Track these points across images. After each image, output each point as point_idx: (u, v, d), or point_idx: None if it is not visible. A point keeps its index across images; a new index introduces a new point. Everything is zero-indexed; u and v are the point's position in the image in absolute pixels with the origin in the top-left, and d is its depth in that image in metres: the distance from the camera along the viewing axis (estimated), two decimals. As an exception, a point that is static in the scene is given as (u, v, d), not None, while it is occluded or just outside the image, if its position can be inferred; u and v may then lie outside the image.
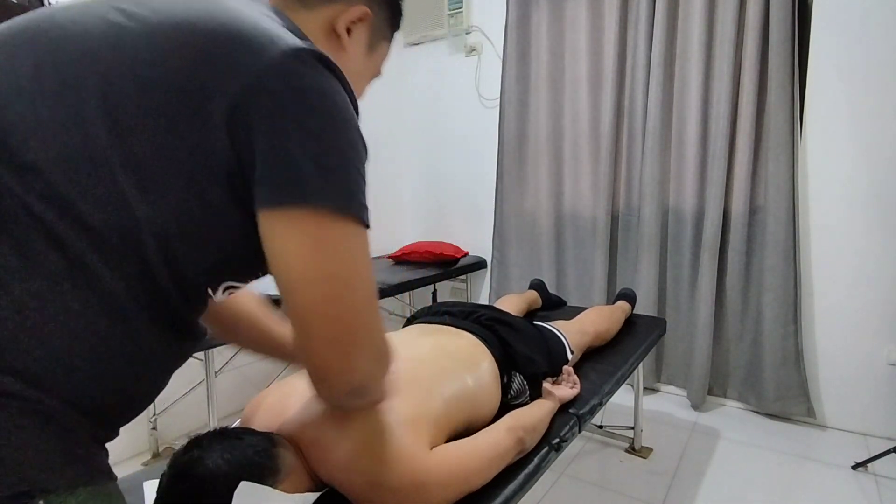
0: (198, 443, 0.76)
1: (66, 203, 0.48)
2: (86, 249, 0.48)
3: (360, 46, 0.71)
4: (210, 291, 0.59)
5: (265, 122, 0.50)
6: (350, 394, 0.59)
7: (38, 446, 0.46)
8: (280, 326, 0.89)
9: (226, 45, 0.50)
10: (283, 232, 0.52)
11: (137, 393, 0.58)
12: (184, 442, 0.78)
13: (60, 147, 0.48)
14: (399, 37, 3.22)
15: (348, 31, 0.68)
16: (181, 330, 0.59)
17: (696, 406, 2.34)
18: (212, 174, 0.51)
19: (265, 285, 0.65)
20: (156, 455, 2.06)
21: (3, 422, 0.45)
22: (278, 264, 0.53)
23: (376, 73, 0.79)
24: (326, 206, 0.52)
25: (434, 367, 1.05)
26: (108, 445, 0.57)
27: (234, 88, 0.49)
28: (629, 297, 2.11)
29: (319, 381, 0.58)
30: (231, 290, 0.62)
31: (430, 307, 1.47)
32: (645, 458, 1.96)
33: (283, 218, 0.52)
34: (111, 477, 0.54)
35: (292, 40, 0.53)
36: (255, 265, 0.58)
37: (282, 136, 0.50)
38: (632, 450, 2.00)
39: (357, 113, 0.58)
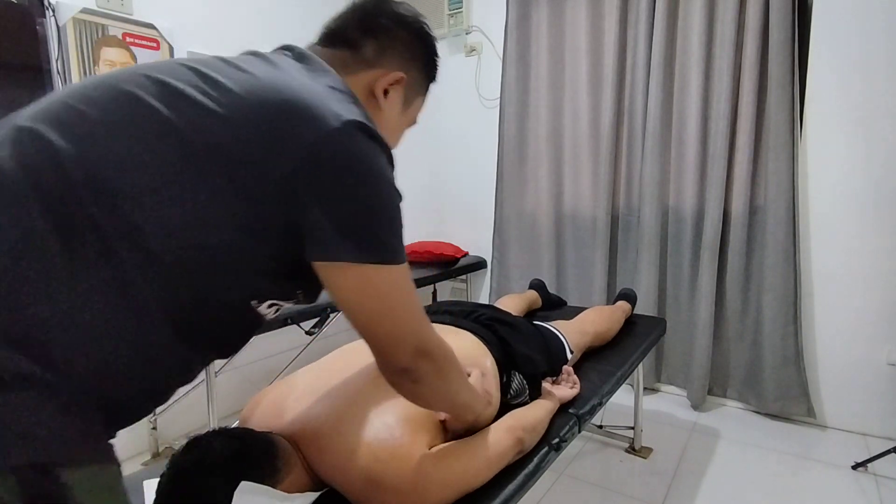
0: (197, 443, 0.76)
1: (130, 225, 0.55)
2: (138, 266, 0.55)
3: (396, 105, 0.79)
4: (255, 305, 0.66)
5: (317, 189, 0.58)
6: (401, 372, 0.69)
7: (58, 425, 0.51)
8: None
9: (286, 119, 0.58)
10: (337, 280, 0.63)
11: (157, 398, 0.65)
12: (184, 442, 0.78)
13: (147, 180, 0.55)
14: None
15: (385, 92, 0.76)
16: (215, 346, 0.67)
17: (696, 406, 2.34)
18: (259, 226, 0.59)
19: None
20: (156, 455, 2.06)
21: (30, 401, 0.50)
22: (339, 301, 0.64)
23: (411, 122, 0.89)
24: (372, 263, 0.62)
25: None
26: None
27: (299, 154, 0.57)
28: (629, 297, 2.11)
29: (379, 353, 0.69)
30: (277, 307, 0.69)
31: (429, 307, 1.47)
32: (645, 458, 1.96)
33: (337, 270, 0.62)
34: (117, 462, 0.58)
35: (342, 114, 0.60)
36: (290, 293, 0.68)
37: (341, 200, 0.59)
38: (632, 450, 2.00)
39: (393, 165, 0.68)
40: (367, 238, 0.61)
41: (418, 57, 0.80)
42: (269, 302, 0.67)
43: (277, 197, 0.57)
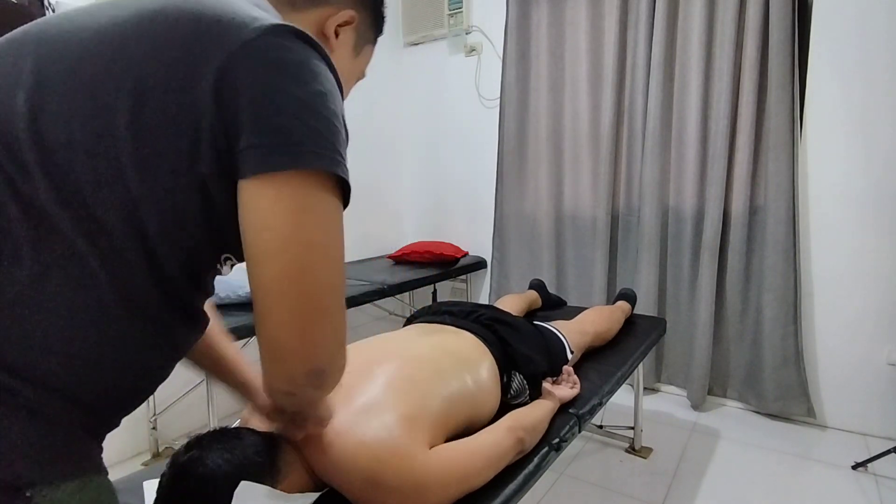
0: (198, 442, 0.76)
1: (69, 187, 0.48)
2: (80, 236, 0.49)
3: (346, 48, 0.73)
4: (217, 265, 0.60)
5: (250, 90, 0.50)
6: (307, 376, 0.55)
7: (25, 440, 0.46)
8: (239, 355, 0.88)
9: (213, 23, 0.51)
10: (268, 196, 0.51)
11: (138, 384, 0.58)
12: (184, 442, 0.78)
13: (71, 133, 0.49)
14: (399, 37, 3.24)
15: (336, 34, 0.71)
16: (186, 314, 0.59)
17: (696, 406, 2.34)
18: (200, 146, 0.51)
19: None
20: (156, 455, 2.06)
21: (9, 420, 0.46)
22: (257, 229, 0.51)
23: (360, 75, 0.81)
24: (315, 170, 0.52)
25: (434, 367, 1.05)
26: (108, 445, 0.56)
27: (220, 57, 0.50)
28: (629, 297, 2.11)
29: (276, 360, 0.54)
30: (231, 263, 0.61)
31: (430, 307, 1.47)
32: (645, 458, 1.96)
33: (270, 182, 0.51)
34: (100, 471, 0.53)
35: (277, 20, 0.54)
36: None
37: (268, 103, 0.50)
38: (632, 450, 2.00)
39: (337, 78, 0.58)
40: (312, 139, 0.52)
41: (367, 1, 0.74)
42: (225, 255, 0.59)
43: (207, 107, 0.50)
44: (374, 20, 0.76)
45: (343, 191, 0.56)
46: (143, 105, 0.49)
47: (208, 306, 0.70)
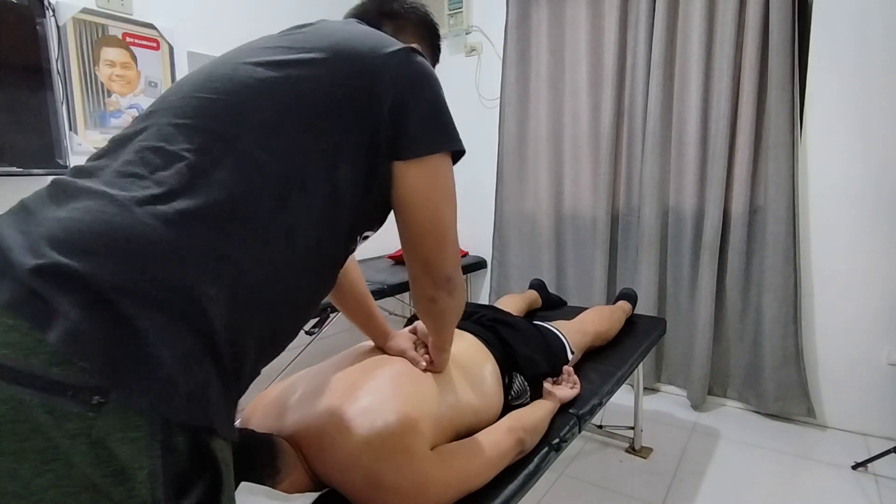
0: (198, 443, 0.76)
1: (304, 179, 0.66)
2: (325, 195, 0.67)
3: None
4: (360, 237, 0.79)
5: (411, 98, 0.72)
6: (445, 280, 0.81)
7: (220, 398, 0.56)
8: (374, 304, 1.12)
9: (371, 53, 0.71)
10: (421, 171, 0.73)
11: (294, 329, 0.74)
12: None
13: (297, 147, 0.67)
14: (399, 37, 3.23)
15: None
16: (339, 269, 0.78)
17: (696, 406, 2.34)
18: (380, 142, 0.70)
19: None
20: (156, 455, 2.06)
21: (206, 371, 0.54)
22: (411, 191, 0.74)
23: None
24: (451, 151, 0.76)
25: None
26: None
27: (388, 82, 0.70)
28: (630, 297, 2.11)
29: (426, 272, 0.80)
30: (365, 237, 0.81)
31: (430, 307, 1.46)
32: (645, 458, 1.96)
33: (425, 162, 0.73)
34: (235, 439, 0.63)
35: (398, 44, 0.74)
36: (385, 212, 0.79)
37: (422, 106, 0.73)
38: (632, 450, 2.00)
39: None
40: (450, 130, 0.76)
41: (426, 38, 0.95)
42: (365, 233, 0.79)
43: (383, 117, 0.70)
44: (432, 52, 0.97)
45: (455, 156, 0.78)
46: (335, 115, 0.68)
47: (355, 266, 1.09)
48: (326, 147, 0.67)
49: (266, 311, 0.63)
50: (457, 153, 0.78)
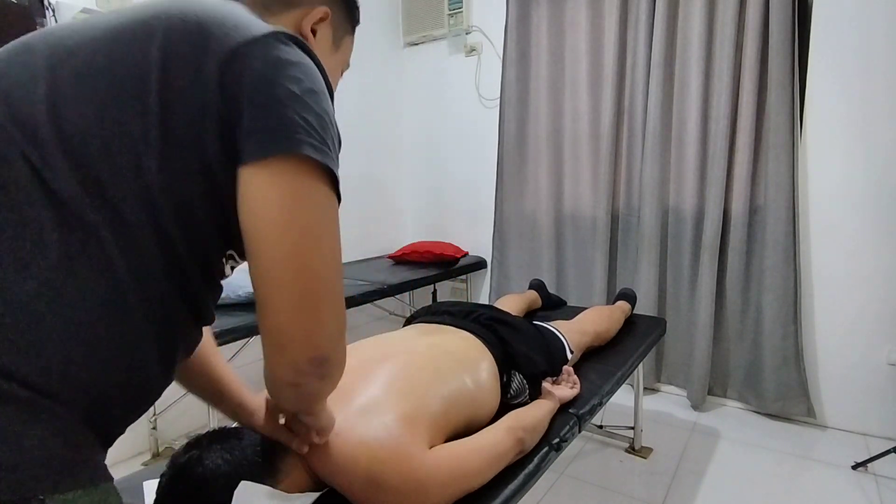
0: (197, 443, 0.76)
1: (89, 173, 0.50)
2: (101, 223, 0.50)
3: (326, 44, 0.75)
4: (223, 263, 0.61)
5: (250, 82, 0.53)
6: (311, 363, 0.56)
7: (36, 449, 0.46)
8: (235, 376, 0.87)
9: (216, 23, 0.55)
10: (265, 181, 0.53)
11: (148, 383, 0.58)
12: (184, 442, 0.78)
13: (88, 121, 0.51)
14: (399, 37, 3.25)
15: (313, 31, 0.73)
16: (197, 312, 0.61)
17: (696, 406, 2.34)
18: (209, 133, 0.53)
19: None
20: (156, 455, 2.06)
21: (3, 425, 0.45)
22: (255, 215, 0.54)
23: (345, 65, 0.83)
24: (310, 158, 0.54)
25: (433, 367, 1.05)
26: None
27: (224, 52, 0.53)
28: (629, 297, 2.11)
29: (279, 348, 0.56)
30: (233, 265, 0.64)
31: (429, 307, 1.47)
32: (645, 458, 1.96)
33: (267, 168, 0.53)
34: (108, 478, 0.53)
35: (272, 26, 0.59)
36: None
37: (268, 94, 0.53)
38: (632, 450, 2.00)
39: (328, 83, 0.61)
40: (307, 130, 0.54)
41: None
42: (229, 252, 0.61)
43: (213, 95, 0.53)
44: (347, 11, 0.78)
45: (335, 186, 0.58)
46: (153, 95, 0.52)
47: (210, 343, 0.78)
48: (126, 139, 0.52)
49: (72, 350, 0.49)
50: (327, 170, 0.56)
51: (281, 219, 0.53)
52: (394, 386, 0.93)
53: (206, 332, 0.78)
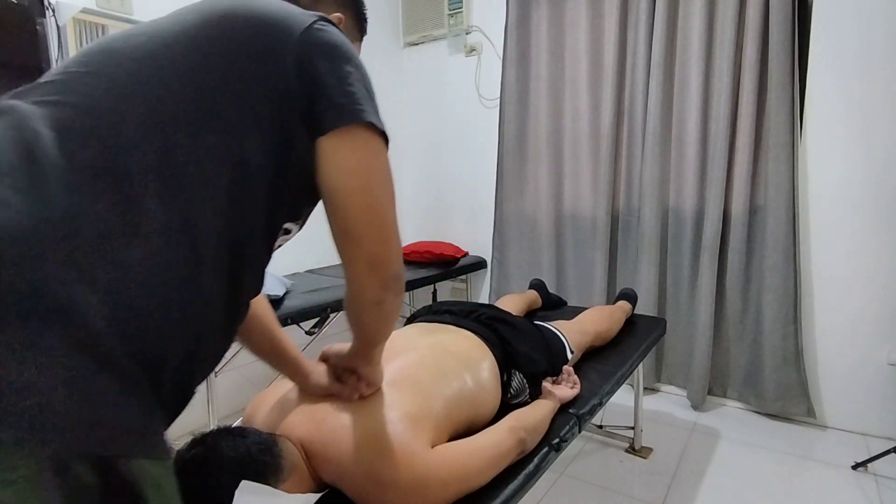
0: (202, 440, 0.76)
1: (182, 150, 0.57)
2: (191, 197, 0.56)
3: None
4: (280, 231, 0.70)
5: (318, 65, 0.64)
6: (394, 278, 0.72)
7: (130, 416, 0.49)
8: (286, 337, 0.97)
9: (274, 17, 0.64)
10: (344, 146, 0.65)
11: (212, 349, 0.65)
12: (185, 441, 0.78)
13: (180, 110, 0.58)
14: (399, 37, 3.25)
15: None
16: (258, 281, 0.70)
17: (696, 406, 2.34)
18: (294, 112, 0.63)
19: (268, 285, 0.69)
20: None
21: (106, 387, 0.47)
22: (342, 173, 0.66)
23: None
24: (374, 125, 0.67)
25: (435, 366, 1.05)
26: None
27: (293, 42, 0.63)
28: (630, 296, 2.11)
29: (373, 269, 0.70)
30: (286, 234, 0.73)
31: (430, 306, 1.47)
32: (645, 458, 1.96)
33: (343, 136, 0.65)
34: (171, 456, 0.56)
35: (313, 13, 0.68)
36: (309, 203, 0.72)
37: (333, 74, 0.65)
38: (632, 450, 2.00)
39: None
40: (369, 102, 0.67)
41: (348, 5, 0.88)
42: (284, 226, 0.71)
43: (293, 83, 0.63)
44: (357, 20, 0.89)
45: (387, 142, 0.70)
46: (241, 84, 0.61)
47: (262, 298, 0.89)
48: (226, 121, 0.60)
49: (167, 315, 0.54)
50: (382, 132, 0.69)
51: (362, 174, 0.66)
52: (397, 385, 0.94)
53: (263, 298, 0.92)
